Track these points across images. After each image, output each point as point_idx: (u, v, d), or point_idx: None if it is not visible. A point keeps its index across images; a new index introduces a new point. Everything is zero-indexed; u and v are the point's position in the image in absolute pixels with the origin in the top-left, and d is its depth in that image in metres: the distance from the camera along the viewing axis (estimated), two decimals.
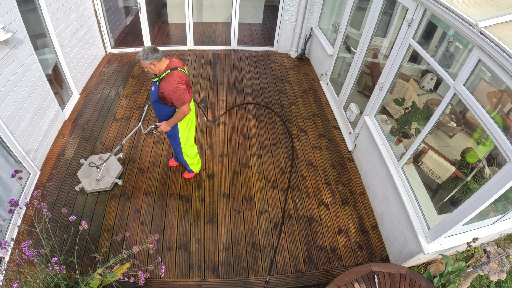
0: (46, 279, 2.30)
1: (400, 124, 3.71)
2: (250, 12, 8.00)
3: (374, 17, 3.91)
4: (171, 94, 2.77)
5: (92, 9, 5.47)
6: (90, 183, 3.60)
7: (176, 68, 2.83)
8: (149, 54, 2.69)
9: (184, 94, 2.80)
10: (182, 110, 2.88)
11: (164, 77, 2.80)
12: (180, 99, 2.80)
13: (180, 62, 2.96)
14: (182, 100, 2.81)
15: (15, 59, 3.36)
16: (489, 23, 2.19)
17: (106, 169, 3.72)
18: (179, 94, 2.78)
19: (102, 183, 3.61)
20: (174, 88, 2.76)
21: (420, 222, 2.95)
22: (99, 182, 3.60)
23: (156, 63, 2.75)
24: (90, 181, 3.62)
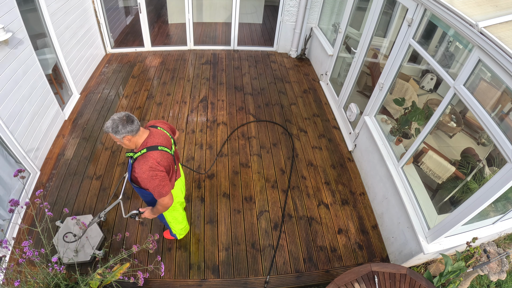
0: (46, 279, 2.30)
1: (400, 124, 3.71)
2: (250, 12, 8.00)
3: (374, 17, 3.91)
4: (145, 182, 2.10)
5: (92, 9, 5.47)
6: (68, 253, 2.95)
7: (156, 147, 2.15)
8: (120, 126, 1.99)
9: (162, 185, 2.13)
10: (162, 203, 2.24)
11: (138, 158, 2.12)
12: (158, 190, 2.13)
13: (163, 136, 2.25)
14: (160, 192, 2.14)
15: (15, 59, 3.36)
16: (489, 23, 2.19)
17: (85, 237, 3.07)
18: (156, 185, 2.11)
19: (81, 254, 2.98)
20: (149, 177, 2.08)
21: (420, 222, 2.95)
22: (77, 254, 2.98)
23: (130, 137, 2.07)
24: (68, 251, 2.97)
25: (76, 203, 3.54)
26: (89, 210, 3.48)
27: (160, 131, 2.27)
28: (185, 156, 4.19)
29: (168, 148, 2.24)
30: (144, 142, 2.15)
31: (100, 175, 3.86)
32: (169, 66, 6.00)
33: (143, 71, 5.79)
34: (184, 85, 5.50)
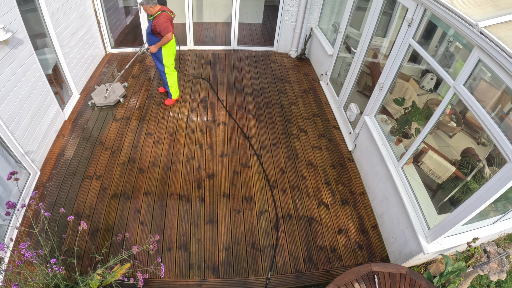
0: (45, 279, 2.30)
1: (400, 124, 3.71)
2: (250, 12, 8.00)
3: (374, 17, 3.91)
4: (160, 26, 4.07)
5: (92, 9, 5.47)
6: (100, 99, 4.79)
7: (165, 11, 4.15)
8: (150, 0, 3.99)
9: (168, 26, 4.12)
10: (167, 37, 4.17)
11: (157, 16, 4.10)
12: (166, 28, 4.10)
13: (168, 8, 4.25)
14: (167, 29, 4.12)
15: (15, 59, 3.36)
16: (489, 23, 2.19)
17: (112, 91, 4.95)
18: (165, 26, 4.09)
19: (109, 99, 4.80)
20: (162, 22, 4.07)
21: (420, 222, 2.95)
22: (106, 98, 4.80)
23: (153, 6, 4.05)
24: (100, 98, 4.81)
25: (76, 203, 3.54)
26: (89, 210, 3.48)
27: (165, 7, 4.22)
28: (185, 156, 4.19)
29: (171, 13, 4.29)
30: (160, 8, 4.15)
31: (100, 175, 3.86)
32: None
33: (143, 71, 5.79)
34: (184, 85, 5.50)
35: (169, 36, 4.18)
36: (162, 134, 4.48)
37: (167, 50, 4.46)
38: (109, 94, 4.87)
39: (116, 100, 4.86)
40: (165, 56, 4.49)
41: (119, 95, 4.92)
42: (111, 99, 4.82)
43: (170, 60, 4.56)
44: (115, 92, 4.95)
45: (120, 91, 5.00)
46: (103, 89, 4.94)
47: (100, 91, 4.93)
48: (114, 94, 4.90)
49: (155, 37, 4.25)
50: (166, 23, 4.09)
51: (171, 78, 4.76)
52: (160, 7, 4.15)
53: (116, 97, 4.87)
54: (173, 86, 4.85)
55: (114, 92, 4.94)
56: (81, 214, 3.44)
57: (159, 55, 4.45)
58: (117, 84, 5.14)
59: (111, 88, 4.95)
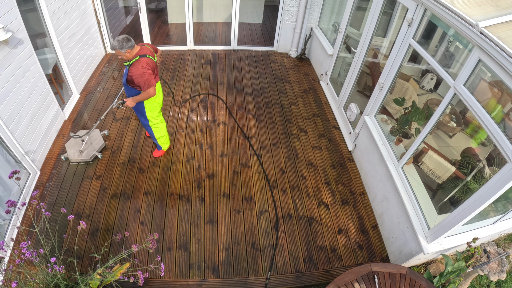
0: (46, 279, 2.30)
1: (400, 124, 3.71)
2: (250, 12, 8.00)
3: (374, 17, 3.91)
4: (138, 78, 3.12)
5: (92, 9, 5.47)
6: (74, 153, 3.91)
7: (145, 55, 3.20)
8: (124, 43, 3.01)
9: (149, 79, 3.17)
10: (148, 92, 3.25)
11: (133, 63, 3.14)
12: (146, 83, 3.17)
13: (149, 50, 3.29)
14: (148, 84, 3.18)
15: (15, 59, 3.36)
16: (489, 23, 2.19)
17: (90, 143, 4.05)
18: (146, 78, 3.15)
19: (85, 154, 3.92)
20: (141, 73, 3.12)
21: (420, 222, 2.95)
22: (82, 153, 3.91)
23: (130, 51, 3.10)
24: (74, 152, 3.93)
25: (76, 203, 3.54)
26: (89, 209, 3.48)
27: (146, 47, 3.30)
28: (185, 156, 4.19)
29: (152, 57, 3.31)
30: (137, 53, 3.17)
31: (100, 175, 3.86)
32: (169, 66, 6.00)
33: None
34: (184, 85, 5.50)
35: (150, 91, 3.24)
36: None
37: (150, 103, 3.55)
38: (85, 147, 3.96)
39: (93, 156, 3.95)
40: (148, 110, 3.60)
41: (97, 149, 4.00)
42: (88, 154, 3.93)
43: (154, 113, 3.67)
44: (92, 144, 4.02)
45: (98, 143, 4.07)
46: (79, 140, 4.02)
47: (76, 142, 4.02)
48: (91, 147, 3.99)
49: (133, 89, 3.34)
50: (146, 74, 3.14)
51: (159, 131, 3.87)
52: (138, 49, 3.19)
53: (93, 151, 3.96)
54: (161, 138, 3.98)
55: (91, 144, 4.02)
56: (81, 214, 3.44)
57: (140, 108, 3.57)
58: (96, 133, 4.17)
59: (88, 138, 4.02)
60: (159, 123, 3.81)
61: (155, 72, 3.36)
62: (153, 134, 3.87)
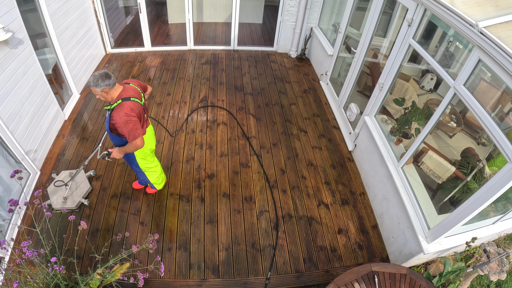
0: (46, 279, 2.30)
1: (400, 124, 3.71)
2: (250, 12, 8.00)
3: (374, 17, 3.91)
4: (122, 127, 2.54)
5: (92, 9, 5.47)
6: (57, 200, 3.39)
7: (128, 98, 2.59)
8: (100, 80, 2.45)
9: (135, 128, 2.58)
10: (134, 144, 2.67)
11: (115, 108, 2.55)
12: (132, 133, 2.58)
13: (134, 90, 2.70)
14: (134, 134, 2.59)
15: (15, 59, 3.36)
16: (489, 23, 2.19)
17: (75, 188, 3.52)
18: (130, 128, 2.56)
19: (69, 201, 3.41)
20: (124, 122, 2.53)
21: (420, 222, 2.95)
22: (66, 200, 3.40)
23: (108, 90, 2.51)
24: (57, 198, 3.41)
25: None
26: (89, 209, 3.48)
27: (132, 87, 2.72)
28: (185, 156, 4.19)
29: (138, 99, 2.70)
30: (119, 95, 2.59)
31: (100, 175, 3.86)
32: (169, 66, 6.00)
33: (143, 71, 5.79)
34: (184, 85, 5.50)
35: (137, 143, 2.66)
36: (162, 134, 4.48)
37: (141, 151, 3.05)
38: (68, 193, 3.46)
39: (78, 203, 3.45)
40: (140, 159, 3.12)
41: (82, 195, 3.48)
42: (73, 201, 3.42)
43: (145, 162, 3.20)
44: (76, 189, 3.51)
45: (84, 187, 3.55)
46: (62, 187, 3.49)
47: (58, 188, 3.51)
48: (76, 193, 3.48)
49: (118, 137, 2.79)
50: (131, 123, 2.55)
51: (153, 174, 3.39)
52: (120, 90, 2.61)
53: (78, 198, 3.45)
54: (157, 179, 3.50)
55: (76, 189, 3.51)
56: (81, 214, 3.44)
57: (130, 158, 3.11)
58: (81, 176, 3.66)
59: (72, 183, 3.50)
60: (154, 166, 3.33)
61: (142, 118, 2.75)
62: (147, 179, 3.40)
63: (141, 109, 2.72)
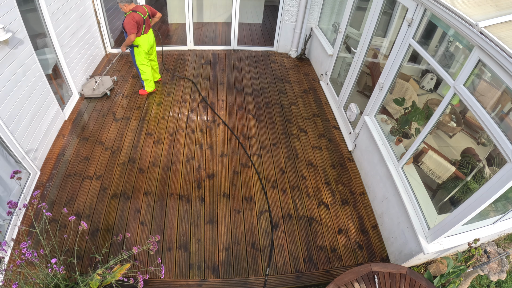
0: (46, 279, 2.30)
1: (400, 124, 3.71)
2: (250, 12, 8.00)
3: (374, 17, 3.91)
4: (125, 24, 4.22)
5: (92, 9, 5.47)
6: (88, 90, 4.99)
7: (135, 11, 4.28)
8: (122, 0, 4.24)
9: (131, 27, 4.22)
10: (129, 38, 4.31)
11: (127, 15, 4.25)
12: (129, 29, 4.23)
13: (142, 9, 4.38)
14: (129, 31, 4.24)
15: (15, 59, 3.36)
16: (489, 23, 2.19)
17: (102, 84, 5.13)
18: (128, 27, 4.22)
19: (97, 91, 4.99)
20: (127, 22, 4.21)
21: (420, 222, 2.95)
22: (94, 90, 4.99)
23: (127, 5, 4.25)
24: (88, 89, 5.00)
25: (76, 203, 3.54)
26: (89, 209, 3.48)
27: (141, 6, 4.42)
28: (185, 156, 4.19)
29: (142, 13, 4.36)
30: (132, 8, 4.31)
31: (100, 175, 3.86)
32: (169, 66, 6.00)
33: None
34: (184, 85, 5.50)
35: (131, 37, 4.28)
36: (162, 134, 4.48)
37: (137, 50, 4.66)
38: (97, 86, 5.04)
39: (103, 93, 5.03)
40: (136, 55, 4.70)
41: (106, 88, 5.08)
42: (99, 91, 5.00)
43: (139, 58, 4.72)
44: (103, 85, 5.10)
45: (108, 84, 5.15)
46: (93, 81, 5.13)
47: (90, 83, 5.11)
48: (102, 87, 5.06)
49: (125, 33, 4.40)
50: (130, 24, 4.19)
51: (144, 73, 4.94)
52: (133, 6, 4.29)
53: (104, 89, 5.03)
54: (146, 81, 5.04)
55: (102, 85, 5.10)
56: (81, 214, 3.44)
57: (132, 52, 4.71)
58: (107, 78, 5.29)
59: (100, 80, 5.14)
60: (145, 67, 4.84)
61: (139, 25, 4.34)
62: (140, 74, 4.94)
63: (140, 20, 4.33)
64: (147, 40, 4.63)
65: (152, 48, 4.88)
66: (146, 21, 4.45)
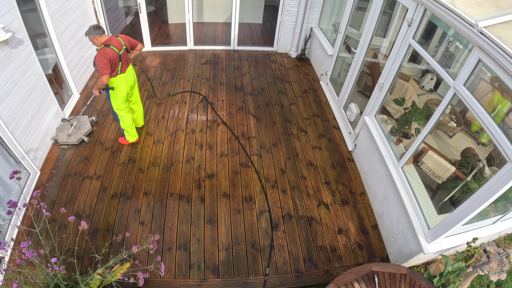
0: (46, 279, 2.30)
1: (400, 124, 3.71)
2: (250, 12, 8.00)
3: (374, 17, 3.91)
4: (97, 63, 3.36)
5: (92, 9, 5.47)
6: (63, 136, 4.14)
7: (108, 45, 3.39)
8: (92, 30, 3.35)
9: (103, 68, 3.34)
10: (100, 80, 3.42)
11: (99, 50, 3.37)
12: (100, 69, 3.35)
13: (117, 41, 3.49)
14: (101, 71, 3.36)
15: (15, 59, 3.36)
16: (489, 23, 2.19)
17: (78, 127, 4.28)
18: (99, 66, 3.34)
19: (72, 138, 4.15)
20: (98, 60, 3.33)
21: (420, 222, 2.95)
22: (70, 137, 4.14)
23: (98, 38, 3.39)
24: (63, 135, 4.14)
25: (76, 203, 3.54)
26: (89, 209, 3.48)
27: (116, 38, 3.52)
28: (185, 156, 4.19)
29: (117, 49, 3.46)
30: (104, 41, 3.42)
31: (100, 175, 3.86)
32: (169, 66, 6.00)
33: (143, 72, 5.78)
34: (184, 85, 5.50)
35: (103, 79, 3.39)
36: (162, 134, 4.48)
37: (113, 92, 3.71)
38: (73, 131, 4.18)
39: (79, 140, 4.16)
40: (112, 98, 3.77)
41: (84, 133, 4.21)
42: (75, 137, 4.13)
43: (117, 103, 3.79)
44: (80, 129, 4.23)
45: (85, 127, 4.28)
46: (68, 124, 4.25)
47: (65, 126, 4.25)
48: (79, 132, 4.20)
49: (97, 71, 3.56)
50: (102, 63, 3.31)
51: (123, 122, 4.00)
52: (106, 39, 3.43)
53: (80, 135, 4.16)
54: (127, 130, 4.12)
55: (79, 129, 4.23)
56: (81, 214, 3.44)
57: (107, 94, 3.78)
58: (84, 118, 4.39)
59: (76, 123, 4.24)
60: (124, 113, 3.92)
61: (113, 63, 3.44)
62: (118, 121, 4.06)
63: (115, 56, 3.44)
64: (125, 81, 3.69)
65: (132, 89, 3.99)
66: (122, 57, 3.54)
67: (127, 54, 3.64)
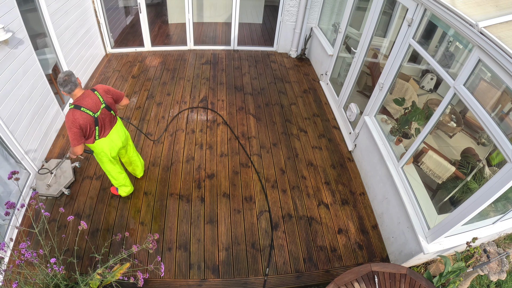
0: (45, 279, 2.30)
1: (400, 124, 3.71)
2: (250, 12, 8.00)
3: (374, 17, 3.91)
4: (67, 128, 2.65)
5: (92, 9, 5.47)
6: (42, 186, 3.51)
7: (80, 107, 2.60)
8: (60, 86, 2.57)
9: (73, 138, 2.63)
10: (73, 150, 2.74)
11: (69, 109, 2.62)
12: (70, 140, 2.65)
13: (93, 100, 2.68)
14: (72, 142, 2.65)
15: (15, 59, 3.36)
16: (489, 23, 2.19)
17: (59, 176, 3.66)
18: (69, 135, 2.64)
19: (52, 189, 3.54)
20: (68, 128, 2.61)
21: (420, 222, 2.95)
22: (49, 188, 3.53)
23: (66, 95, 2.67)
24: (42, 184, 3.52)
25: (76, 203, 3.54)
26: (89, 209, 3.48)
27: (93, 95, 2.71)
28: (185, 156, 4.19)
29: (92, 111, 2.67)
30: (76, 99, 2.64)
31: (100, 175, 3.86)
32: (169, 66, 6.00)
33: (143, 71, 5.79)
34: (184, 85, 5.50)
35: (74, 150, 2.72)
36: (162, 134, 4.48)
37: (97, 155, 3.07)
38: (53, 181, 3.57)
39: (60, 192, 3.56)
40: (98, 160, 3.16)
41: (64, 185, 3.59)
42: (55, 189, 3.53)
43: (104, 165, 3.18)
44: (61, 178, 3.64)
45: (67, 178, 3.67)
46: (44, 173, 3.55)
47: (45, 175, 3.59)
48: (58, 182, 3.59)
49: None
50: (71, 131, 2.60)
51: (114, 180, 3.37)
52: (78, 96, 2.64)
53: (60, 187, 3.56)
54: (121, 187, 3.50)
55: (60, 178, 3.64)
56: (81, 214, 3.44)
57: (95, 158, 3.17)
58: (67, 165, 3.76)
59: (56, 171, 3.64)
60: (115, 174, 3.28)
61: (89, 129, 2.71)
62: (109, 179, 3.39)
63: (89, 120, 2.67)
64: (108, 145, 2.98)
65: (125, 149, 3.33)
66: (100, 120, 2.77)
67: (109, 114, 2.84)
